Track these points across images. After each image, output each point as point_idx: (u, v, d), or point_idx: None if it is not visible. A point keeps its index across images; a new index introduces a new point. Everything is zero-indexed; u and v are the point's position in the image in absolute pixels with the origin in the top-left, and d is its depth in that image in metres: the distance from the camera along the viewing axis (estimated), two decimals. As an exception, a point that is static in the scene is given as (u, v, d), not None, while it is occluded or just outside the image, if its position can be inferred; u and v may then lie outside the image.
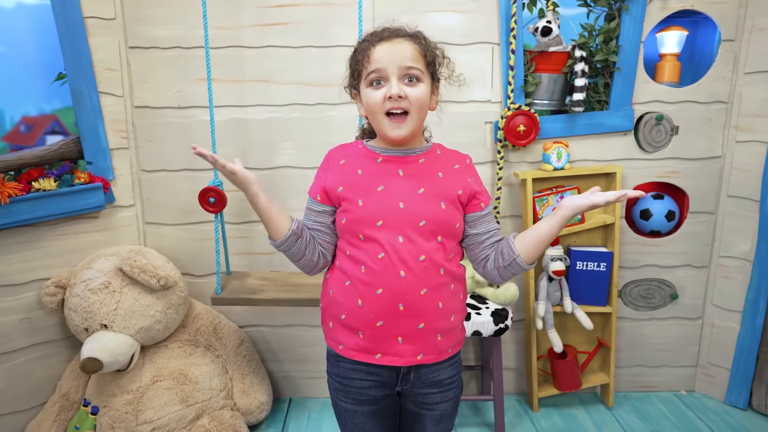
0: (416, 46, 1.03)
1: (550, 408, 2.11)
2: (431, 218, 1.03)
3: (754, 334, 2.03)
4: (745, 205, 2.00)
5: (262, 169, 1.97)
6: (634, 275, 2.11)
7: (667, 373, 2.21)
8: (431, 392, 1.12)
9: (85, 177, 1.81)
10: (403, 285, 1.02)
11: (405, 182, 1.04)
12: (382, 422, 1.15)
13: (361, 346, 1.06)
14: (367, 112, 1.07)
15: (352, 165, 1.08)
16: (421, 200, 1.03)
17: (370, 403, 1.12)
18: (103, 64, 1.84)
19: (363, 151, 1.10)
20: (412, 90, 1.02)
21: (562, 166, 1.92)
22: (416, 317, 1.04)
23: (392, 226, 1.02)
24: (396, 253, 1.01)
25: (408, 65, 1.01)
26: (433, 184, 1.05)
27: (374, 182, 1.05)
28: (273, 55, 1.88)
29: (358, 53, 1.06)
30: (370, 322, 1.04)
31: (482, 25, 1.89)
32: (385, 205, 1.03)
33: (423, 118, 1.07)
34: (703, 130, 2.00)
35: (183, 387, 1.76)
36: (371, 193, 1.04)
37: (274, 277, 1.89)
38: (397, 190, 1.04)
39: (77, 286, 1.71)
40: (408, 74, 1.02)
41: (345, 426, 1.17)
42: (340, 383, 1.12)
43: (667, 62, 2.01)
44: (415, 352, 1.06)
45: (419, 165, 1.07)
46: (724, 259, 2.08)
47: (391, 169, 1.06)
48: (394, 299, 1.02)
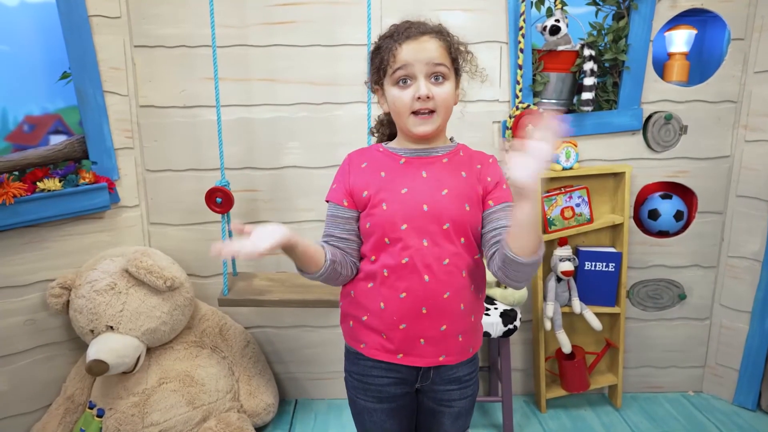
0: (442, 43, 1.01)
1: (558, 409, 2.10)
2: (456, 220, 1.01)
3: (763, 335, 2.02)
4: (754, 204, 1.99)
5: (269, 169, 1.96)
6: (642, 275, 2.10)
7: (675, 374, 2.20)
8: (450, 389, 1.11)
9: (89, 177, 1.79)
10: (426, 289, 1.01)
11: (428, 183, 1.03)
12: (401, 420, 1.14)
13: (384, 346, 1.07)
14: (391, 110, 1.06)
15: (375, 168, 1.06)
16: (446, 202, 1.01)
17: (390, 401, 1.11)
18: (108, 63, 1.82)
19: (384, 154, 1.08)
20: (439, 90, 1.01)
21: (571, 166, 1.90)
22: (439, 320, 1.03)
23: (417, 229, 1.01)
24: (420, 258, 1.01)
25: (435, 63, 1.00)
26: (457, 184, 1.03)
27: (398, 184, 1.03)
28: (279, 54, 1.87)
29: (383, 50, 1.03)
30: (393, 324, 1.04)
31: (491, 24, 1.88)
32: (410, 208, 1.01)
33: (449, 115, 1.06)
34: (712, 130, 1.98)
35: (189, 389, 1.74)
36: (395, 195, 1.02)
37: (281, 278, 1.87)
38: (421, 192, 1.02)
39: (83, 287, 1.69)
40: (435, 72, 1.00)
41: (363, 425, 1.16)
42: (360, 381, 1.12)
43: (676, 61, 2.00)
44: (437, 353, 1.06)
45: (442, 165, 1.05)
46: (733, 259, 2.07)
47: (415, 171, 1.04)
48: (417, 303, 1.02)
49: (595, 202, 2.00)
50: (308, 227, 2.01)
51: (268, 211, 2.00)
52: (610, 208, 2.03)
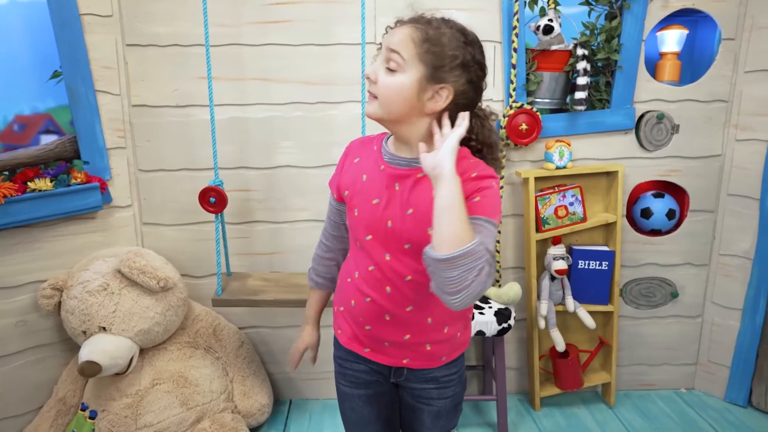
0: (412, 32, 0.90)
1: (552, 407, 2.11)
2: (416, 242, 0.95)
3: (754, 332, 2.04)
4: (745, 203, 2.01)
5: (262, 169, 1.95)
6: (634, 274, 2.11)
7: (668, 371, 2.22)
8: (427, 387, 1.10)
9: (81, 177, 1.78)
10: (389, 300, 1.01)
11: (397, 199, 0.97)
12: (379, 409, 1.14)
13: (354, 336, 1.10)
14: None
15: (362, 167, 1.04)
16: (408, 224, 0.96)
17: (365, 387, 1.12)
18: (100, 62, 1.81)
19: (376, 154, 1.03)
20: (384, 78, 0.91)
21: (565, 165, 1.91)
22: (402, 329, 1.03)
23: (380, 243, 1.00)
24: (382, 271, 1.00)
25: (391, 48, 0.90)
26: (424, 204, 0.93)
27: (372, 193, 1.00)
28: (273, 53, 1.86)
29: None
30: (359, 323, 1.07)
31: (484, 24, 1.88)
32: (375, 221, 0.99)
33: (395, 110, 0.93)
34: (704, 129, 2.00)
35: (183, 390, 1.73)
36: (367, 204, 1.00)
37: (275, 277, 1.87)
38: (389, 207, 0.98)
39: (74, 288, 1.68)
40: (390, 58, 0.90)
41: (344, 411, 1.18)
42: (339, 365, 1.15)
43: (668, 61, 2.01)
44: (401, 356, 1.07)
45: (416, 180, 0.97)
46: (724, 257, 2.09)
47: (389, 182, 0.99)
48: (380, 311, 1.02)
49: (588, 200, 2.01)
50: (302, 227, 2.00)
51: (261, 211, 1.99)
52: (603, 207, 2.04)
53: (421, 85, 0.90)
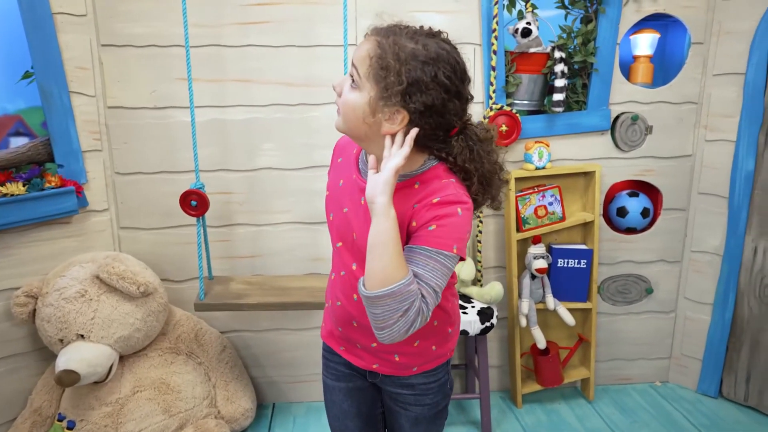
0: (373, 46, 0.84)
1: (534, 404, 2.15)
2: None
3: (724, 326, 2.11)
4: (714, 201, 2.08)
5: (244, 171, 1.93)
6: (611, 271, 2.17)
7: (643, 366, 2.28)
8: (403, 393, 1.09)
9: (56, 181, 1.73)
10: (355, 308, 1.01)
11: (363, 212, 0.93)
12: (359, 404, 1.15)
13: (331, 333, 1.13)
14: None
15: (342, 171, 1.02)
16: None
17: (345, 380, 1.14)
18: (74, 63, 1.76)
19: (353, 160, 1.00)
20: (345, 93, 0.88)
21: (544, 165, 1.95)
22: (369, 337, 0.99)
23: (348, 251, 1.00)
24: (350, 278, 1.00)
25: (352, 63, 0.87)
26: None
27: (344, 201, 0.99)
28: (254, 55, 1.84)
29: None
30: (334, 323, 1.10)
31: (464, 26, 1.90)
32: (343, 230, 0.99)
33: (358, 131, 0.89)
34: (675, 130, 2.07)
35: (165, 396, 1.70)
36: (339, 210, 1.00)
37: (258, 281, 1.85)
38: (356, 219, 0.95)
39: (50, 295, 1.63)
40: (353, 72, 0.87)
41: (327, 403, 1.21)
42: (324, 357, 1.18)
43: (641, 64, 2.07)
44: (371, 362, 1.08)
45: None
46: (696, 254, 2.16)
47: (358, 194, 0.95)
48: (348, 316, 1.04)
49: (566, 200, 2.05)
50: (284, 229, 1.99)
51: (243, 214, 1.97)
52: (581, 206, 2.09)
53: (372, 106, 0.85)
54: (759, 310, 2.02)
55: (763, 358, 2.03)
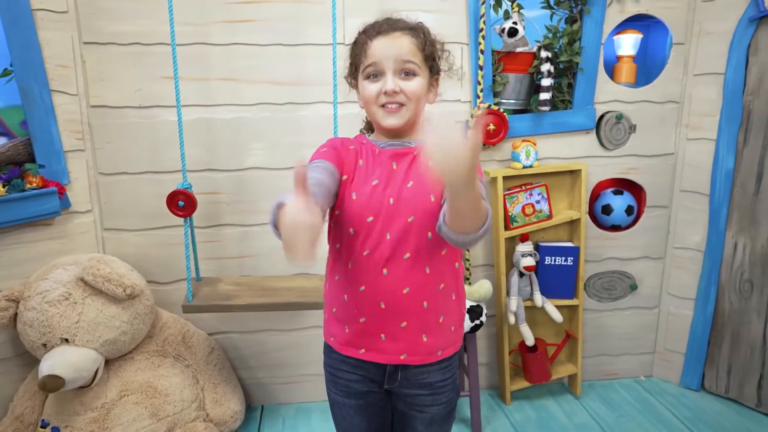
0: (414, 40, 1.02)
1: (522, 401, 2.16)
2: (420, 212, 1.00)
3: (706, 320, 2.16)
4: (696, 198, 2.13)
5: (231, 171, 1.91)
6: (597, 268, 2.20)
7: (628, 361, 2.32)
8: (420, 393, 1.10)
9: (37, 181, 1.68)
10: (385, 283, 1.01)
11: (396, 176, 1.03)
12: (369, 418, 1.14)
13: (347, 339, 1.08)
14: (364, 106, 1.07)
15: (357, 154, 1.07)
16: (410, 194, 1.01)
17: (357, 397, 1.12)
18: (55, 61, 1.72)
19: (366, 145, 1.09)
20: (407, 84, 1.01)
21: (531, 164, 1.97)
22: (398, 316, 1.03)
23: (382, 221, 1.01)
24: (381, 251, 1.00)
25: (404, 59, 1.01)
26: (422, 175, 0.99)
27: (370, 175, 1.03)
28: (241, 53, 1.82)
29: (357, 45, 1.05)
30: (354, 317, 1.06)
31: (452, 26, 1.91)
32: (376, 201, 1.01)
33: (420, 110, 1.06)
34: (658, 129, 2.10)
35: (152, 400, 1.67)
36: (365, 186, 1.02)
37: (247, 281, 1.83)
38: (389, 185, 1.02)
39: (33, 298, 1.59)
40: (404, 68, 1.01)
41: (335, 418, 1.18)
42: (331, 374, 1.13)
43: (624, 63, 2.10)
44: (398, 351, 1.05)
45: (413, 158, 1.05)
46: (678, 250, 2.20)
47: (386, 162, 1.04)
48: (375, 297, 1.02)
49: (553, 198, 2.08)
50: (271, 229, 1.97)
51: (230, 214, 1.94)
52: (568, 204, 2.12)
53: (427, 83, 1.05)
54: (739, 305, 2.07)
55: (743, 352, 2.09)
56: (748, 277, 2.04)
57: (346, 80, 1.12)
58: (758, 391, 2.06)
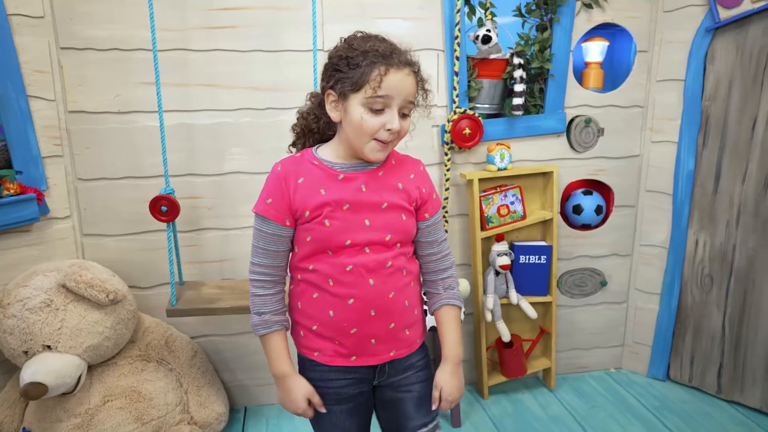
0: (415, 80, 1.04)
1: (499, 395, 2.24)
2: (396, 231, 1.08)
3: (670, 314, 2.28)
4: (660, 198, 2.24)
5: (211, 176, 1.92)
6: (568, 266, 2.29)
7: (599, 354, 2.42)
8: (406, 375, 1.16)
9: (15, 188, 1.67)
10: (373, 292, 1.06)
11: (369, 197, 1.06)
12: (359, 419, 1.19)
13: (337, 351, 1.11)
14: (350, 127, 1.03)
15: (313, 184, 1.05)
16: (386, 216, 1.07)
17: (348, 401, 1.15)
18: (32, 66, 1.71)
19: (320, 168, 1.07)
20: (404, 124, 1.04)
21: (505, 167, 2.04)
22: (387, 319, 1.09)
23: (359, 242, 1.05)
24: (363, 265, 1.05)
25: (409, 101, 1.03)
26: (395, 196, 1.08)
27: (339, 201, 1.04)
28: (221, 59, 1.84)
29: (363, 66, 1.00)
30: (344, 330, 1.09)
31: (428, 33, 1.96)
32: (352, 224, 1.04)
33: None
34: (624, 132, 2.21)
35: (137, 405, 1.68)
36: (338, 212, 1.04)
37: (229, 285, 1.85)
38: (363, 207, 1.05)
39: (12, 306, 1.58)
40: (405, 108, 1.03)
41: (324, 427, 1.18)
42: (318, 386, 1.14)
43: (592, 70, 2.20)
44: (388, 350, 1.12)
45: (379, 178, 1.08)
46: (644, 247, 2.31)
47: (354, 186, 1.06)
48: (365, 307, 1.07)
49: (527, 199, 2.16)
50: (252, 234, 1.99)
51: (211, 219, 1.96)
52: (540, 205, 2.20)
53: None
54: (700, 298, 2.19)
55: (704, 343, 2.21)
56: (708, 272, 2.16)
57: (325, 86, 1.06)
58: (718, 379, 2.18)
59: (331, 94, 1.05)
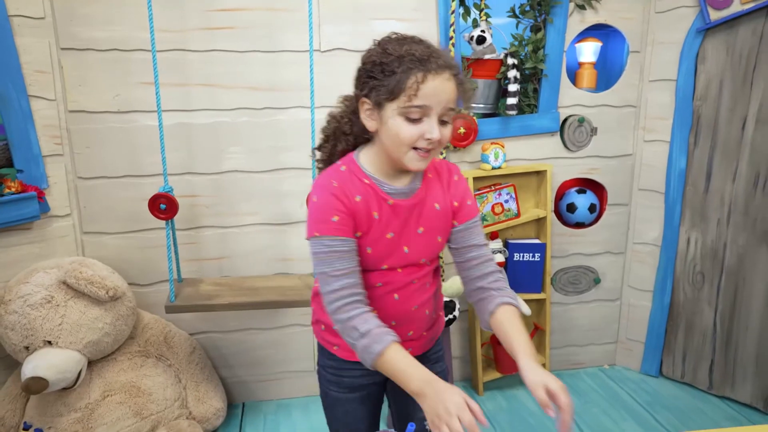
0: (456, 83, 0.96)
1: (494, 391, 2.27)
2: (430, 253, 1.08)
3: (663, 310, 2.31)
4: (652, 197, 2.27)
5: (210, 174, 1.95)
6: (562, 263, 2.32)
7: (593, 351, 2.45)
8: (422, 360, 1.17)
9: (16, 186, 1.70)
10: (396, 306, 1.08)
11: (410, 227, 1.05)
12: (369, 407, 1.21)
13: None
14: (387, 137, 0.97)
15: (368, 205, 1.02)
16: (422, 241, 1.06)
17: (360, 390, 1.17)
18: (33, 66, 1.74)
19: (372, 188, 1.02)
20: (445, 132, 0.96)
21: (500, 165, 2.07)
22: (407, 327, 1.10)
23: (394, 266, 1.06)
24: (392, 283, 1.07)
25: (449, 107, 0.95)
26: (431, 219, 1.06)
27: (385, 229, 1.03)
28: (219, 60, 1.87)
29: (399, 73, 0.92)
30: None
31: (423, 34, 1.92)
32: (391, 252, 1.04)
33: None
34: (617, 131, 2.24)
35: (136, 400, 1.70)
36: (381, 240, 1.03)
37: (227, 282, 1.88)
38: (403, 236, 1.04)
39: (14, 302, 1.61)
40: (445, 115, 0.95)
41: (335, 415, 1.21)
42: (334, 375, 1.17)
43: (586, 70, 2.23)
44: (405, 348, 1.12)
45: (422, 204, 1.06)
46: (637, 245, 2.34)
47: (401, 215, 1.04)
48: (387, 318, 1.06)
49: (520, 198, 2.19)
50: (251, 231, 2.02)
51: (209, 217, 1.99)
52: (534, 203, 2.23)
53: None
54: (692, 295, 2.23)
55: (696, 339, 2.24)
56: (699, 269, 2.19)
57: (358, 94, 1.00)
58: (710, 375, 2.21)
59: (365, 102, 0.98)
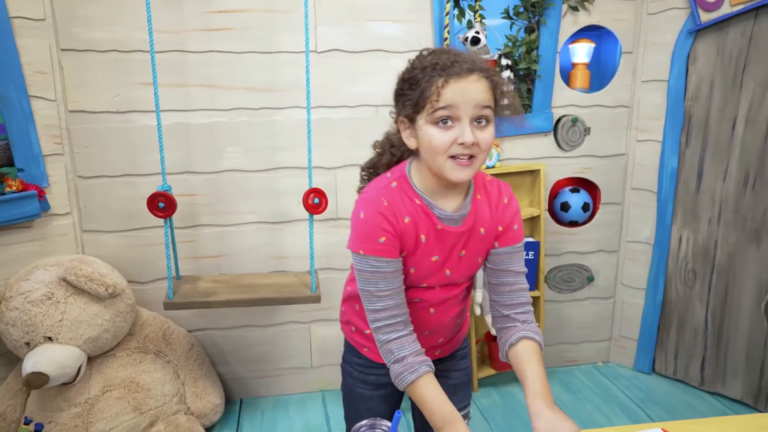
0: (489, 84, 0.93)
1: (489, 387, 2.30)
2: (469, 274, 1.08)
3: (655, 308, 2.34)
4: (645, 196, 2.30)
5: (207, 173, 1.98)
6: (556, 262, 2.35)
7: (587, 348, 2.48)
8: (445, 364, 1.19)
9: (17, 185, 1.72)
10: (430, 319, 1.09)
11: (454, 252, 1.03)
12: (391, 404, 1.23)
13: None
14: (424, 149, 0.95)
15: (416, 227, 1.00)
16: (464, 263, 1.05)
17: (385, 387, 1.18)
18: (33, 67, 1.76)
19: (423, 210, 1.00)
20: (483, 135, 0.92)
21: (494, 165, 2.10)
22: (438, 335, 1.13)
23: (434, 284, 1.06)
24: (429, 300, 1.08)
25: (483, 106, 0.91)
26: (475, 243, 1.04)
27: (430, 252, 1.02)
28: (217, 60, 1.90)
29: (423, 83, 0.91)
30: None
31: (418, 35, 2.02)
32: (434, 273, 1.04)
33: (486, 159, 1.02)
34: (610, 131, 2.27)
35: (135, 395, 1.73)
36: (425, 262, 1.02)
37: (225, 279, 1.91)
38: (447, 259, 1.04)
39: (15, 299, 1.63)
40: (480, 116, 0.91)
41: (357, 410, 1.20)
42: (362, 372, 1.18)
43: (579, 71, 2.26)
44: (433, 352, 1.14)
45: (469, 230, 1.03)
46: (630, 243, 2.37)
47: (448, 240, 1.02)
48: (420, 329, 1.08)
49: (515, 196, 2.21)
50: (248, 229, 2.05)
51: (207, 215, 2.02)
52: (528, 202, 2.26)
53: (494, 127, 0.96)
54: (684, 293, 2.26)
55: (688, 336, 2.27)
56: (691, 267, 2.22)
57: (392, 115, 1.01)
58: (701, 371, 2.24)
59: (402, 121, 0.97)
